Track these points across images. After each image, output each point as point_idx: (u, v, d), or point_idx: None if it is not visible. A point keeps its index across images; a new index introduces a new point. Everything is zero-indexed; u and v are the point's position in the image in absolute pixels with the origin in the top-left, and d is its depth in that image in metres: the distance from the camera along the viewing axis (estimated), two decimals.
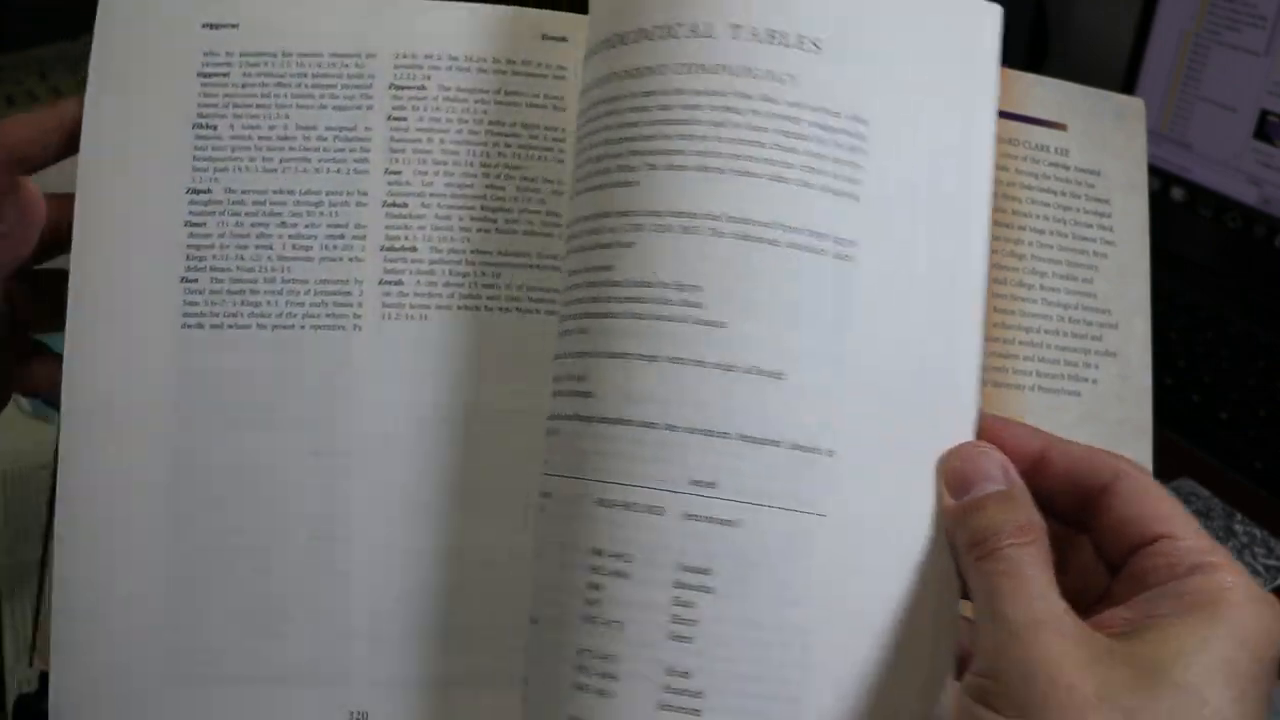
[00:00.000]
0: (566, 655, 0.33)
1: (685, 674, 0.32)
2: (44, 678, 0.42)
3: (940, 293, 0.34)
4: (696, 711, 0.32)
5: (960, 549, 0.32)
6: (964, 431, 0.34)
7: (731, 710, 0.32)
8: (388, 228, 0.39)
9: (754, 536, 0.32)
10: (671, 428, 0.32)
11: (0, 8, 0.86)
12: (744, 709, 0.32)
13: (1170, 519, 0.31)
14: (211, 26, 0.40)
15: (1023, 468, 0.33)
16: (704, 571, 0.32)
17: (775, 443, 0.32)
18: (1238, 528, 0.60)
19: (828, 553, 0.32)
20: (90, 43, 0.40)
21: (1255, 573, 0.57)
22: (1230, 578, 0.30)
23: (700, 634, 0.32)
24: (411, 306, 0.39)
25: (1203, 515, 0.61)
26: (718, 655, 0.32)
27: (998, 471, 0.32)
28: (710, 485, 0.32)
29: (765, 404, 0.32)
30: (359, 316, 0.39)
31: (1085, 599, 0.32)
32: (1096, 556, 0.33)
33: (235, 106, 0.40)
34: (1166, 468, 0.62)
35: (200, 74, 0.40)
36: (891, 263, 0.34)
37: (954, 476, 0.33)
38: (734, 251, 0.33)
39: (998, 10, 0.36)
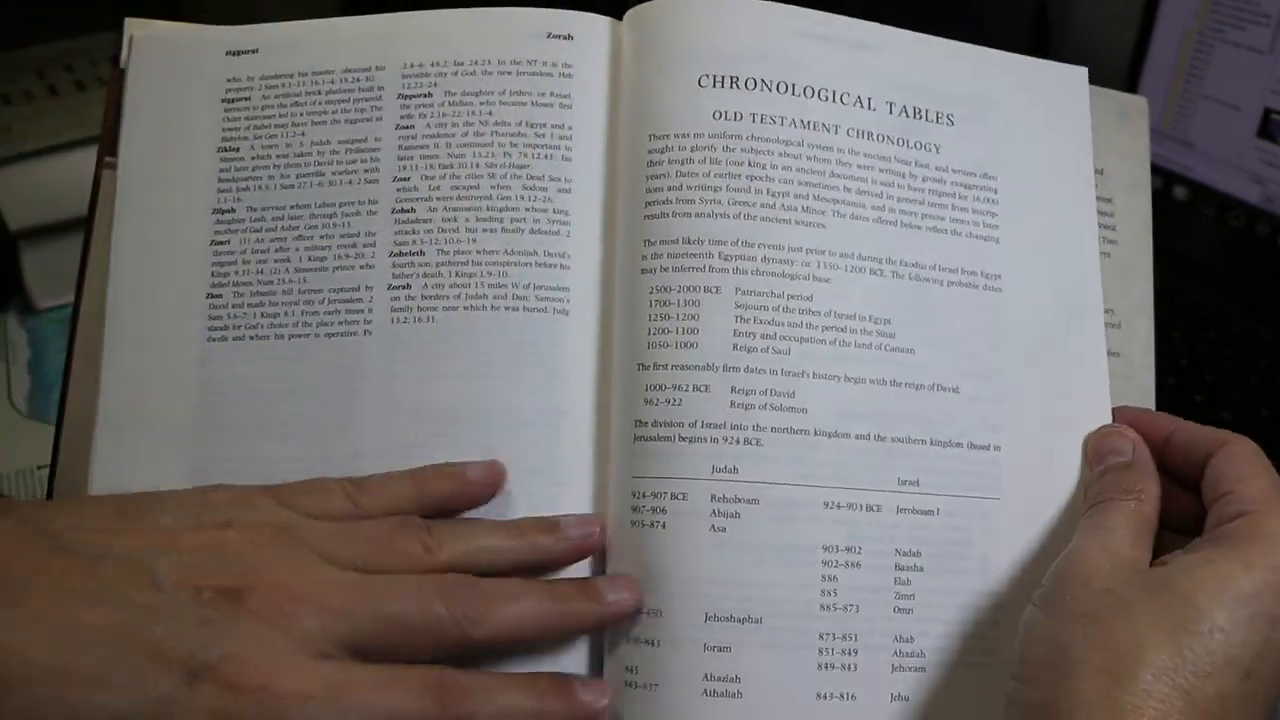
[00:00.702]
0: (805, 642, 0.37)
1: (910, 639, 0.38)
2: None
3: (1067, 310, 0.41)
4: (922, 669, 0.38)
5: (1086, 508, 0.38)
6: (1101, 421, 0.40)
7: (948, 664, 0.38)
8: (396, 233, 0.40)
9: (950, 520, 0.39)
10: (880, 438, 0.39)
11: None
12: (956, 661, 0.38)
13: (1245, 479, 0.36)
14: (234, 53, 0.42)
15: (1154, 446, 0.39)
16: (916, 554, 0.38)
17: (959, 444, 0.40)
18: None
19: (1005, 528, 0.39)
20: (88, 42, 0.41)
21: None
22: (1271, 523, 0.34)
23: (917, 605, 0.38)
24: (419, 309, 0.39)
25: None
26: (933, 620, 0.38)
27: (1127, 446, 0.39)
28: (914, 483, 0.39)
29: (948, 414, 0.40)
30: (369, 322, 0.39)
31: None
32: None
33: (256, 128, 0.41)
34: None
35: (224, 100, 0.42)
36: (1028, 289, 0.41)
37: (1092, 452, 0.40)
38: (912, 290, 0.40)
39: (1083, 71, 0.44)
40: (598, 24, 0.42)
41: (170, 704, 0.29)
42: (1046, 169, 0.43)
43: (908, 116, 0.41)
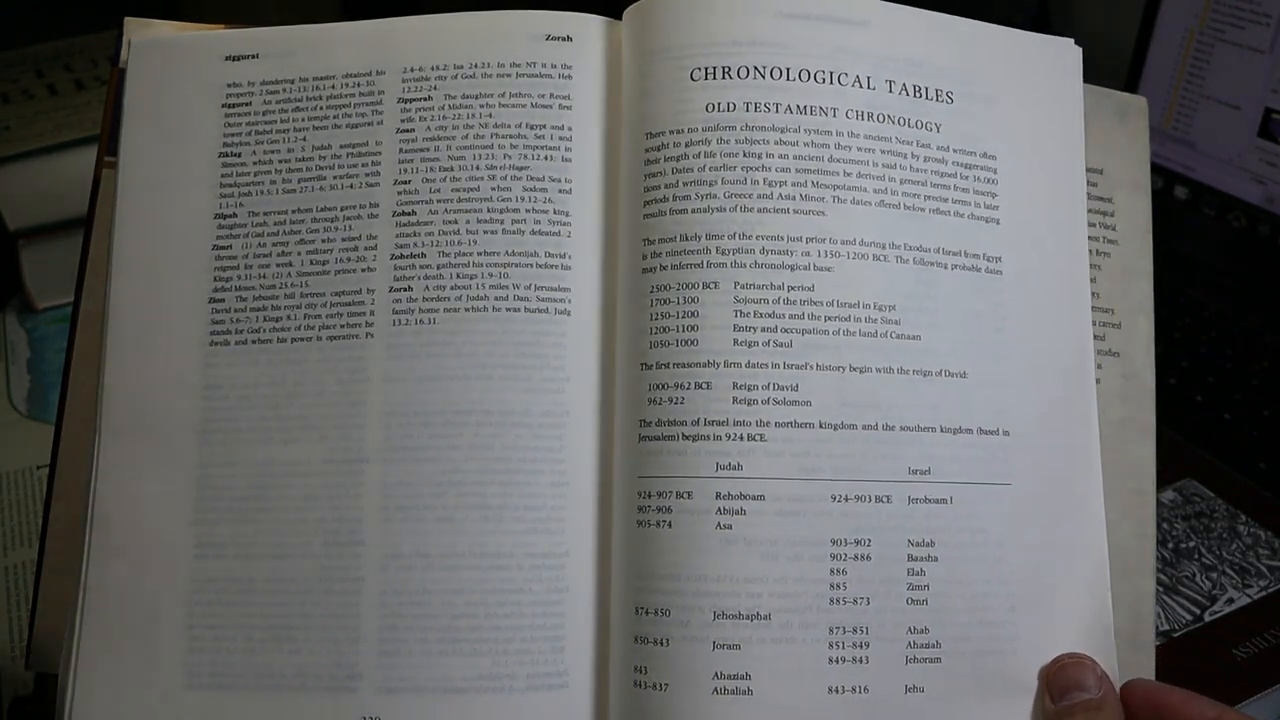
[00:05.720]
0: (815, 637, 0.37)
1: (924, 630, 0.38)
2: (39, 680, 0.42)
3: (1061, 290, 0.41)
4: (938, 660, 0.38)
5: None
6: (1089, 405, 0.41)
7: (963, 653, 0.38)
8: (397, 236, 0.40)
9: (963, 508, 0.39)
10: (888, 428, 0.38)
11: None
12: (972, 650, 0.38)
13: None
14: (234, 58, 0.42)
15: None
16: (929, 544, 0.38)
17: (969, 430, 0.39)
18: (1241, 528, 0.60)
19: (1017, 513, 0.39)
20: (87, 42, 0.41)
21: (1259, 574, 0.57)
22: None
23: (932, 595, 0.38)
24: (421, 311, 0.39)
25: (1206, 516, 0.61)
26: (947, 610, 0.38)
27: (1092, 682, 0.37)
28: (925, 472, 0.38)
29: (956, 400, 0.39)
30: (371, 324, 0.39)
31: None
32: None
33: (257, 134, 0.41)
34: (1170, 468, 0.62)
35: (224, 105, 0.42)
36: (1027, 270, 0.41)
37: (1053, 682, 0.38)
38: (917, 274, 0.39)
39: (1078, 51, 0.43)
40: (596, 25, 0.42)
41: None
42: (1042, 146, 0.42)
43: (908, 95, 0.41)
